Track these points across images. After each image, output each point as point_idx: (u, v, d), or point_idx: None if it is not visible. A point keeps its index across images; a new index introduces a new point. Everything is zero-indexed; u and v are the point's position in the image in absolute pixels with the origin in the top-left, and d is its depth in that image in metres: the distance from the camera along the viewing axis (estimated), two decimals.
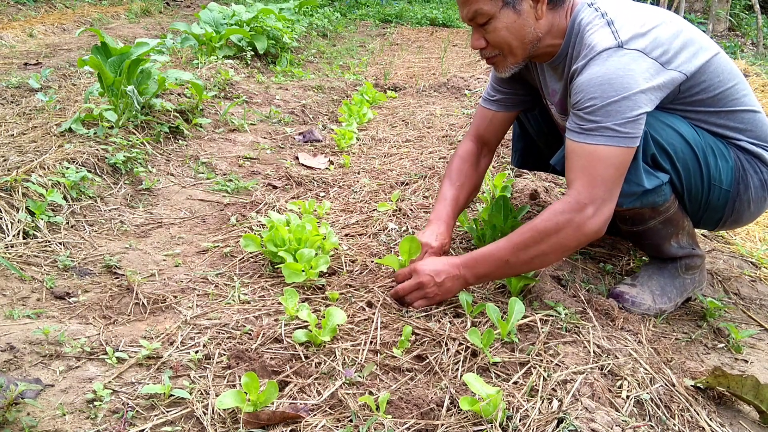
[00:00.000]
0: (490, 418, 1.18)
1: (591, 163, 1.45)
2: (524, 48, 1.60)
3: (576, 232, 1.46)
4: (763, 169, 1.62)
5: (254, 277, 1.82)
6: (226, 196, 2.46)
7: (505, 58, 1.63)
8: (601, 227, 1.48)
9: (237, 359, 1.38)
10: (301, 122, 3.69)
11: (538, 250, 1.50)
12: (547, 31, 1.59)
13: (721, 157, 1.60)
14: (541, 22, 1.56)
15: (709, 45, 1.56)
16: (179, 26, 4.87)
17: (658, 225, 1.67)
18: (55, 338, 1.41)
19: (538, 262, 1.55)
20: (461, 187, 1.90)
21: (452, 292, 1.61)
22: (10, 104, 3.26)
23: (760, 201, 1.66)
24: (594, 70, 1.45)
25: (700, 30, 1.63)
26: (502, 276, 1.64)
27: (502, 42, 1.58)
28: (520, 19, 1.54)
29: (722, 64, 1.57)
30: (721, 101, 1.58)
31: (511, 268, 1.56)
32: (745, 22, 9.65)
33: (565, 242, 1.48)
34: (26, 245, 1.84)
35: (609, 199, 1.46)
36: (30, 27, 6.04)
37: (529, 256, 1.51)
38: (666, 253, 1.74)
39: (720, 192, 1.62)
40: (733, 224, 1.73)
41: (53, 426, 1.16)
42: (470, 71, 5.48)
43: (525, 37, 1.57)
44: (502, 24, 1.54)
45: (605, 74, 1.43)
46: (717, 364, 1.56)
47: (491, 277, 1.64)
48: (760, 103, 1.70)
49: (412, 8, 10.47)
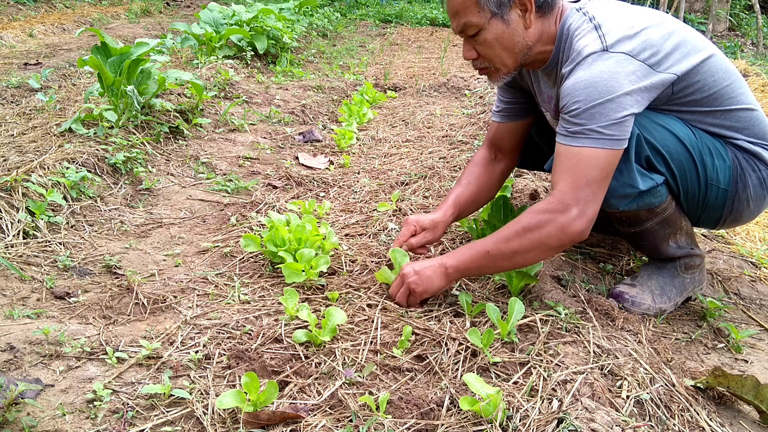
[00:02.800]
0: (490, 418, 1.18)
1: (576, 165, 1.46)
2: (515, 57, 1.60)
3: (559, 232, 1.46)
4: (761, 167, 1.63)
5: (254, 277, 1.82)
6: (226, 196, 2.46)
7: (497, 69, 1.63)
8: (585, 229, 1.47)
9: (237, 359, 1.39)
10: (301, 122, 3.69)
11: (519, 245, 1.50)
12: (538, 39, 1.60)
13: (718, 156, 1.60)
14: (531, 30, 1.57)
15: (704, 45, 1.56)
16: (179, 26, 4.87)
17: (655, 226, 1.67)
18: (55, 338, 1.41)
19: (519, 259, 1.53)
20: (467, 185, 1.94)
21: (432, 280, 1.59)
22: (10, 104, 3.26)
23: (760, 199, 1.66)
24: (579, 74, 1.46)
25: (695, 31, 1.63)
26: (482, 269, 1.60)
27: (492, 52, 1.59)
28: (509, 29, 1.55)
29: (717, 64, 1.57)
30: (716, 100, 1.58)
31: (490, 260, 1.54)
32: (745, 22, 9.65)
33: (547, 241, 1.48)
34: (26, 245, 1.84)
35: (593, 200, 1.46)
36: (30, 27, 6.04)
37: (510, 250, 1.51)
38: (664, 253, 1.74)
39: (718, 191, 1.63)
40: (733, 223, 1.73)
41: (53, 426, 1.16)
42: (470, 71, 5.48)
43: (515, 46, 1.58)
44: (492, 35, 1.55)
45: (590, 78, 1.44)
46: (717, 364, 1.56)
47: (471, 269, 1.59)
48: (760, 103, 1.70)
49: (412, 8, 10.47)
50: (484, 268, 1.59)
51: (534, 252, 1.51)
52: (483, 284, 1.77)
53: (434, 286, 1.59)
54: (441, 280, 1.59)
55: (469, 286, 1.76)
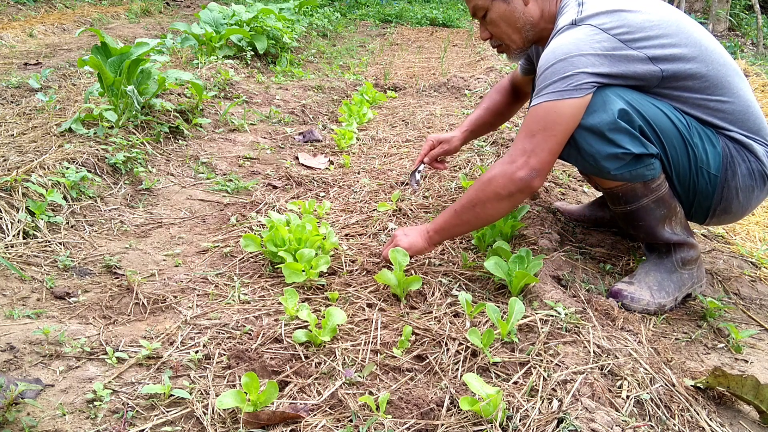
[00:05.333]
0: (490, 418, 1.18)
1: (526, 121, 1.62)
2: (519, 33, 1.80)
3: (506, 181, 1.61)
4: (750, 158, 1.66)
5: (254, 277, 1.82)
6: (226, 196, 2.46)
7: (508, 46, 1.85)
8: (527, 176, 1.59)
9: (237, 359, 1.38)
10: (301, 122, 3.69)
11: (476, 197, 1.68)
12: (540, 17, 1.78)
13: (708, 141, 1.65)
14: (529, 7, 1.75)
15: (698, 41, 1.62)
16: (179, 26, 4.86)
17: (651, 204, 1.69)
18: (55, 338, 1.41)
19: (479, 210, 1.69)
20: (485, 109, 2.30)
21: (418, 241, 1.80)
22: (10, 104, 3.26)
23: (748, 190, 1.69)
24: (548, 46, 1.62)
25: (699, 26, 1.68)
26: (455, 227, 1.76)
27: (500, 30, 1.81)
28: (510, 8, 1.76)
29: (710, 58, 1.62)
30: (709, 91, 1.63)
31: (458, 217, 1.73)
32: (745, 22, 9.65)
33: (498, 190, 1.63)
34: (26, 245, 1.84)
35: (536, 150, 1.59)
36: (30, 27, 6.04)
37: (470, 203, 1.69)
38: (660, 237, 1.74)
39: (708, 176, 1.67)
40: (723, 214, 1.75)
41: (53, 426, 1.16)
42: (470, 71, 5.48)
43: (516, 22, 1.77)
44: (496, 14, 1.78)
45: (552, 47, 1.60)
46: (717, 364, 1.56)
47: (446, 228, 1.77)
48: (760, 103, 1.71)
49: (412, 8, 10.47)
50: (456, 226, 1.76)
51: (490, 203, 1.66)
52: (483, 284, 1.77)
53: (418, 246, 1.80)
54: (424, 242, 1.80)
55: (469, 286, 1.76)
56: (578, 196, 2.65)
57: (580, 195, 2.67)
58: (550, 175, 2.76)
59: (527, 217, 2.20)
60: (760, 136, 1.68)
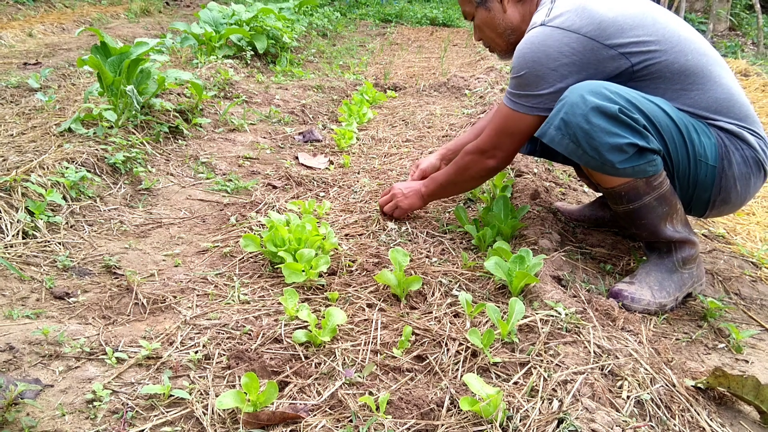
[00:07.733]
0: (490, 418, 1.18)
1: (496, 116, 1.86)
2: (501, 38, 1.94)
3: (479, 169, 1.94)
4: (743, 146, 1.69)
5: (254, 277, 1.82)
6: (226, 196, 2.46)
7: (494, 48, 2.01)
8: (497, 164, 1.91)
9: (237, 359, 1.38)
10: (301, 122, 3.69)
11: (457, 178, 2.02)
12: (521, 20, 1.89)
13: (703, 134, 1.67)
14: (509, 14, 1.89)
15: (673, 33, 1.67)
16: (179, 26, 4.86)
17: (653, 202, 1.69)
18: (54, 338, 1.40)
19: (461, 187, 2.09)
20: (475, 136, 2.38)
21: (414, 200, 2.14)
22: (10, 104, 3.26)
23: (745, 178, 1.71)
24: (519, 47, 1.74)
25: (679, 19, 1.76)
26: (441, 193, 2.13)
27: (484, 34, 1.97)
28: (491, 14, 1.91)
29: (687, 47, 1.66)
30: (689, 79, 1.67)
31: (443, 188, 2.09)
32: (746, 22, 9.65)
33: (473, 174, 1.97)
34: (26, 245, 1.84)
35: (502, 147, 1.87)
36: (29, 26, 6.04)
37: (452, 182, 2.04)
38: (662, 235, 1.74)
39: (707, 168, 1.69)
40: (722, 205, 1.76)
41: (53, 426, 1.16)
42: (470, 71, 5.48)
43: (497, 28, 1.92)
44: (480, 20, 1.94)
45: (519, 50, 1.73)
46: (717, 364, 1.56)
47: (435, 194, 2.12)
48: (761, 103, 1.72)
49: (412, 8, 10.47)
50: (443, 195, 2.16)
51: (467, 183, 2.04)
52: (483, 284, 1.77)
53: (415, 204, 2.16)
54: (419, 201, 2.15)
55: (469, 287, 1.76)
56: (578, 196, 2.65)
57: (580, 195, 2.67)
58: (551, 175, 2.77)
59: (527, 217, 2.20)
60: (748, 124, 1.71)
